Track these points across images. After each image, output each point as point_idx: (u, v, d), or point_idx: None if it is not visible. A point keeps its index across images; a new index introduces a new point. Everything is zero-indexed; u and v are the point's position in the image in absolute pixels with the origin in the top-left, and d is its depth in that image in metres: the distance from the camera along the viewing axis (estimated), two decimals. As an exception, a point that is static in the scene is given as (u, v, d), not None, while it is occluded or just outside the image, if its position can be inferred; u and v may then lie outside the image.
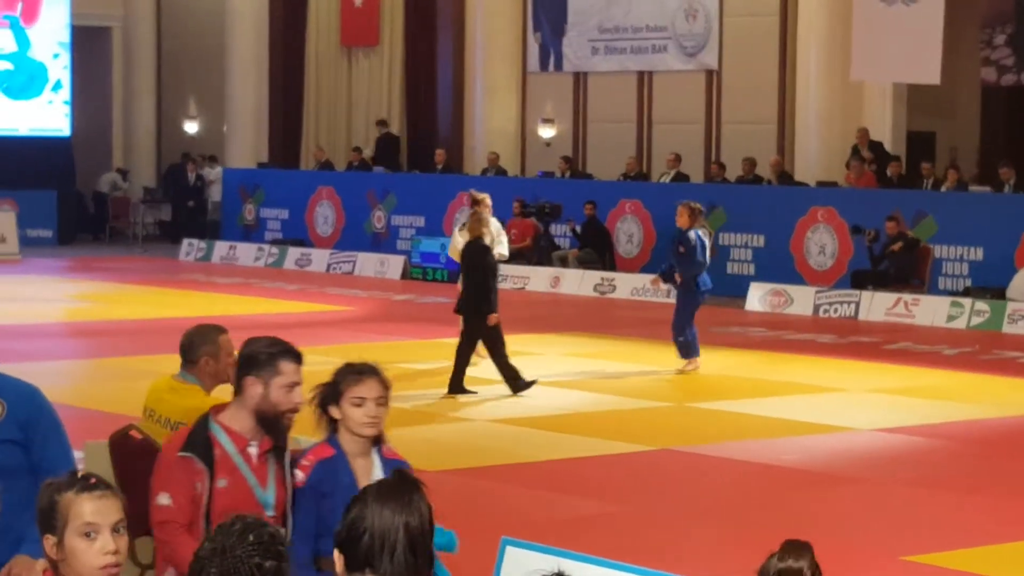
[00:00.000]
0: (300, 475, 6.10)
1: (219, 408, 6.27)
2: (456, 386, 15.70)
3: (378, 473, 6.05)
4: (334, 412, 6.16)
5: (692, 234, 17.27)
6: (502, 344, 15.74)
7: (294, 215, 33.02)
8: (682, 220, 17.41)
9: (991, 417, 15.07)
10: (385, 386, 6.16)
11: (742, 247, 26.28)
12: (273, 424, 6.09)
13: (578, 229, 27.77)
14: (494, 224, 17.37)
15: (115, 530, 4.32)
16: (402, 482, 4.04)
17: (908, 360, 18.80)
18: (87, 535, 4.28)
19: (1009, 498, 11.67)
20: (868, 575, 9.45)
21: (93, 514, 4.29)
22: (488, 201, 17.33)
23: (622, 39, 31.35)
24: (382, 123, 34.54)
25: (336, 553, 4.02)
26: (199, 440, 6.08)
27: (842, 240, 25.11)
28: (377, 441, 6.20)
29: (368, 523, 3.94)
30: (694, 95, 30.41)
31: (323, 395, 6.18)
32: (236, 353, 6.87)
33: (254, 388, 6.12)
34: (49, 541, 4.30)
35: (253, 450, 6.11)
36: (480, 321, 15.65)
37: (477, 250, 15.97)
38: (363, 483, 5.58)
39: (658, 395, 16.04)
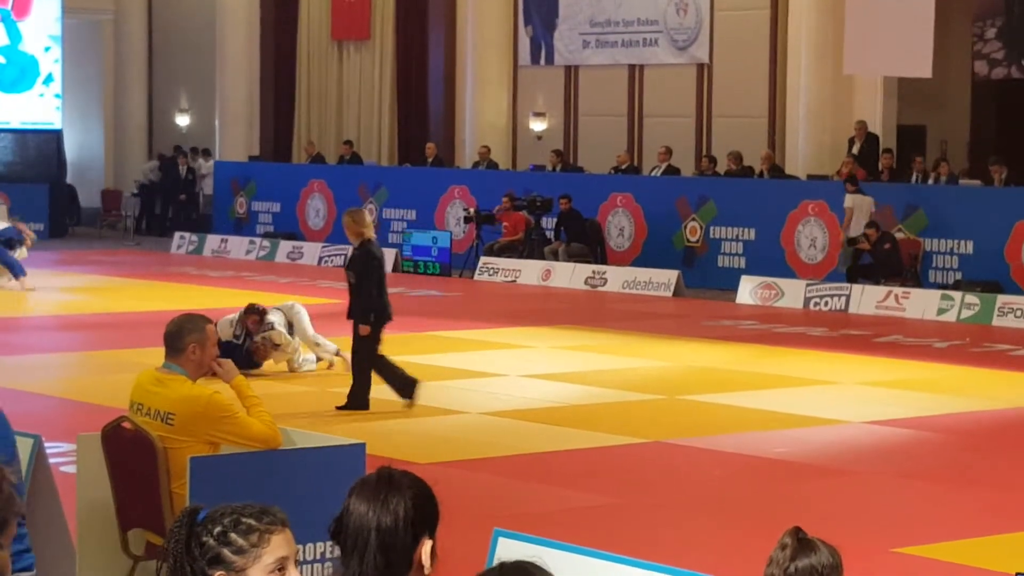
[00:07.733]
0: None
1: None
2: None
3: None
4: None
5: None
6: None
7: (286, 208, 33.01)
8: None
9: (981, 410, 15.11)
10: None
11: (733, 240, 26.31)
12: None
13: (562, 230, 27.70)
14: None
15: None
16: (380, 481, 3.93)
17: (898, 353, 18.83)
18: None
19: (999, 490, 11.71)
20: (859, 567, 9.47)
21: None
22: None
23: (613, 33, 31.35)
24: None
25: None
26: None
27: (833, 234, 25.13)
28: None
29: (348, 518, 3.89)
30: (685, 89, 30.42)
31: None
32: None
33: None
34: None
35: None
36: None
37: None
38: None
39: (650, 388, 16.05)
